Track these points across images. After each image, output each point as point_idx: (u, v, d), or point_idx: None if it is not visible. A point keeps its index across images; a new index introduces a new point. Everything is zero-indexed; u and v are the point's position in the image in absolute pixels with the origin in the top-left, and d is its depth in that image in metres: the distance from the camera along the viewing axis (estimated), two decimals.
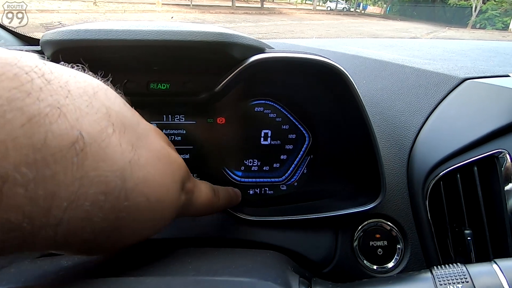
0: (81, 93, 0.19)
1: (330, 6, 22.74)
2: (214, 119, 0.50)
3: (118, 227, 0.21)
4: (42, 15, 7.21)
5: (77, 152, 0.17)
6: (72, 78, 0.19)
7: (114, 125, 0.20)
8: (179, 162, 0.28)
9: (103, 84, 0.22)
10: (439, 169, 0.46)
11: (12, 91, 0.15)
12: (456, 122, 0.48)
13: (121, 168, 0.20)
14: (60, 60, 0.37)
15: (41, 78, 0.17)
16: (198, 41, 0.36)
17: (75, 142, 0.17)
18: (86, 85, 0.20)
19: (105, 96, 0.21)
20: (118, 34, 0.34)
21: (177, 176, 0.26)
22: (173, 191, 0.25)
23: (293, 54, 0.39)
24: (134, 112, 0.24)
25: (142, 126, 0.24)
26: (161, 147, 0.25)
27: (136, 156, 0.21)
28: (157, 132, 0.27)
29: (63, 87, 0.18)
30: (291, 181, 0.54)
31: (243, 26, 9.08)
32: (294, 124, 0.53)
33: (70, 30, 0.34)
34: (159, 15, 10.40)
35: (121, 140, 0.20)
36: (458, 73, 0.53)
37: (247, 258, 0.30)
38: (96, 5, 10.07)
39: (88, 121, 0.18)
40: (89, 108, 0.19)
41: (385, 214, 0.47)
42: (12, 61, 0.16)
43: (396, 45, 0.85)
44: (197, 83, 0.44)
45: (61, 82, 0.18)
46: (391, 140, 0.50)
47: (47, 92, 0.17)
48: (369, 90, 0.56)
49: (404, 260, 0.46)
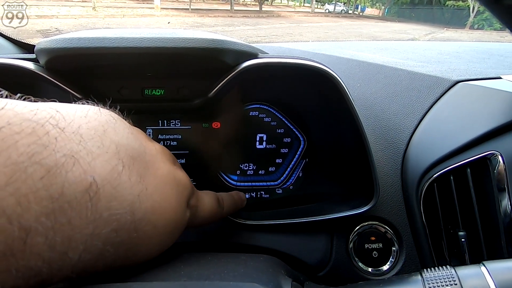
0: (92, 134, 0.20)
1: (328, 8, 22.84)
2: (210, 124, 0.51)
3: (129, 255, 0.22)
4: (41, 20, 7.24)
5: (91, 196, 0.18)
6: (83, 120, 0.20)
7: (124, 161, 0.21)
8: (184, 181, 0.28)
9: (112, 118, 0.23)
10: (433, 171, 0.46)
11: (31, 146, 0.16)
12: (449, 125, 0.48)
13: (130, 203, 0.20)
14: (55, 67, 0.37)
15: (56, 128, 0.18)
16: (191, 48, 0.36)
17: (88, 188, 0.18)
18: (96, 124, 0.21)
19: (113, 132, 0.22)
20: (111, 42, 0.34)
21: (183, 196, 0.27)
22: (179, 212, 0.26)
23: (285, 60, 0.39)
24: (141, 139, 0.25)
25: (148, 153, 0.25)
26: (167, 171, 0.26)
27: (144, 187, 0.22)
28: (163, 153, 0.28)
29: (76, 133, 0.19)
30: (286, 184, 0.55)
31: (242, 29, 9.11)
32: (289, 128, 0.53)
33: (64, 38, 0.34)
34: (158, 19, 10.43)
35: (130, 174, 0.21)
36: (450, 75, 0.53)
37: (239, 263, 0.30)
38: (95, 10, 10.10)
39: (100, 162, 0.19)
40: (100, 149, 0.19)
41: (379, 217, 0.47)
42: (29, 116, 0.17)
43: (391, 48, 0.86)
44: (191, 88, 0.44)
45: (74, 127, 0.19)
46: (385, 142, 0.51)
47: (61, 142, 0.17)
48: (363, 93, 0.56)
49: (399, 262, 0.46)
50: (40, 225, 0.16)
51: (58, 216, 0.16)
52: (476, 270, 0.24)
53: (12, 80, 0.39)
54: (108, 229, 0.19)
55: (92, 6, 10.26)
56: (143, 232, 0.22)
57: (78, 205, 0.17)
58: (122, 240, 0.20)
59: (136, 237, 0.21)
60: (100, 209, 0.18)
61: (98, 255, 0.19)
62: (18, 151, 0.15)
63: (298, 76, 0.46)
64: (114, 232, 0.19)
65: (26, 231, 0.15)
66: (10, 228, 0.15)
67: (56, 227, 0.16)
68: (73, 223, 0.17)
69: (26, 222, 0.15)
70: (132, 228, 0.21)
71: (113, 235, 0.19)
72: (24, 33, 0.79)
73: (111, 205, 0.19)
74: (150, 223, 0.22)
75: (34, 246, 0.16)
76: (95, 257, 0.19)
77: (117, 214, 0.19)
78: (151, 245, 0.23)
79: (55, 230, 0.16)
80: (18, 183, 0.15)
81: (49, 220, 0.16)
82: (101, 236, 0.19)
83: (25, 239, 0.15)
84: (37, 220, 0.16)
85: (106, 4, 12.54)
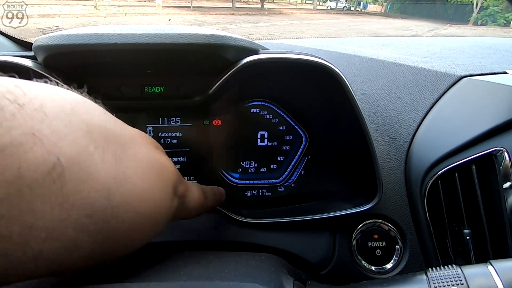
0: (58, 112, 0.18)
1: (330, 5, 22.71)
2: (210, 121, 0.50)
3: (109, 246, 0.20)
4: (43, 19, 7.25)
5: (54, 178, 0.16)
6: (47, 97, 0.18)
7: (96, 141, 0.19)
8: (169, 167, 0.26)
9: (81, 97, 0.21)
10: (437, 168, 0.45)
11: None
12: (453, 121, 0.47)
13: (105, 186, 0.19)
14: (53, 64, 0.37)
15: (14, 103, 0.16)
16: (191, 44, 0.36)
17: (52, 170, 0.16)
18: (63, 102, 0.19)
19: (84, 110, 0.20)
20: (110, 38, 0.34)
21: (168, 182, 0.25)
22: (165, 199, 0.25)
23: (286, 55, 0.39)
24: (117, 120, 0.23)
25: (126, 134, 0.23)
26: (148, 155, 0.24)
27: (121, 169, 0.20)
28: (143, 137, 0.26)
29: (38, 110, 0.17)
30: (288, 182, 0.54)
31: (244, 27, 9.09)
32: (291, 125, 0.53)
33: (62, 35, 0.34)
34: (159, 17, 10.42)
35: (104, 156, 0.19)
36: (455, 70, 0.52)
37: (241, 262, 0.29)
38: (97, 9, 10.11)
39: (68, 142, 0.17)
40: (67, 128, 0.18)
41: (383, 214, 0.47)
42: None
43: (394, 44, 0.85)
44: (191, 85, 0.44)
45: (36, 104, 0.17)
46: (389, 139, 0.50)
47: (20, 119, 0.16)
48: (366, 90, 0.56)
49: (403, 260, 0.46)
50: None
51: (15, 202, 0.15)
52: (483, 269, 0.24)
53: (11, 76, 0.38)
54: (78, 214, 0.17)
55: (94, 4, 10.26)
56: (124, 219, 0.20)
57: (40, 189, 0.16)
58: (99, 228, 0.18)
59: (116, 225, 0.19)
60: (67, 192, 0.17)
61: (70, 244, 0.17)
62: None
63: (300, 72, 0.45)
64: (87, 217, 0.18)
65: None
66: None
67: (12, 214, 0.15)
68: (34, 209, 0.15)
69: None
70: (109, 214, 0.19)
71: (86, 222, 0.18)
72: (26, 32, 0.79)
73: (80, 187, 0.17)
74: (132, 210, 0.20)
75: None
76: (66, 246, 0.17)
77: (88, 198, 0.18)
78: (134, 234, 0.22)
79: (11, 218, 0.15)
80: None
81: (4, 205, 0.15)
82: (70, 222, 0.17)
83: None
84: None
85: (108, 2, 12.54)
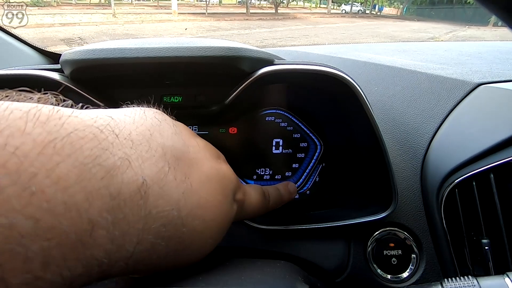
0: (141, 139, 0.22)
1: (345, 9, 22.59)
2: (226, 129, 0.51)
3: (181, 249, 0.23)
4: (64, 28, 7.50)
5: (142, 195, 0.20)
6: (132, 126, 0.22)
7: (170, 162, 0.23)
8: (229, 175, 0.29)
9: (157, 120, 0.25)
10: (454, 177, 0.45)
11: (93, 150, 0.18)
12: (470, 128, 0.47)
13: (176, 201, 0.22)
14: (78, 77, 0.39)
15: (112, 134, 0.20)
16: (208, 57, 0.37)
17: (140, 187, 0.20)
18: (143, 129, 0.23)
19: (159, 135, 0.24)
20: (131, 52, 0.36)
21: (228, 190, 0.28)
22: (226, 205, 0.27)
23: (301, 66, 0.39)
24: (184, 138, 0.27)
25: (192, 151, 0.26)
26: (210, 167, 0.27)
27: (188, 184, 0.24)
28: (207, 149, 0.29)
29: (128, 138, 0.21)
30: (303, 189, 0.54)
31: (258, 32, 9.14)
32: (306, 132, 0.53)
33: (87, 50, 0.36)
34: (175, 24, 10.61)
35: (175, 174, 0.23)
36: (472, 78, 0.52)
37: (256, 269, 0.30)
38: (115, 17, 10.39)
39: (149, 165, 0.21)
40: (148, 153, 0.21)
41: (399, 223, 0.47)
42: (90, 122, 0.19)
43: (409, 50, 0.84)
44: (208, 95, 0.45)
45: (125, 133, 0.21)
46: (404, 147, 0.50)
47: (117, 146, 0.19)
48: (381, 97, 0.56)
49: (419, 270, 0.45)
50: (102, 219, 0.18)
51: (117, 212, 0.18)
52: (500, 281, 0.24)
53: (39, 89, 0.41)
54: (157, 224, 0.21)
55: (112, 13, 10.57)
56: (192, 226, 0.23)
57: (132, 203, 0.19)
58: (172, 234, 0.22)
59: (186, 231, 0.23)
60: (149, 206, 0.20)
61: (150, 247, 0.21)
62: (83, 154, 0.17)
63: (314, 82, 0.46)
64: (163, 227, 0.21)
65: (92, 223, 0.17)
66: (80, 221, 0.17)
67: (115, 222, 0.18)
68: (128, 218, 0.19)
69: (92, 216, 0.17)
70: (180, 223, 0.22)
71: (162, 230, 0.21)
72: (48, 41, 0.83)
73: (158, 203, 0.21)
74: (198, 218, 0.24)
75: (97, 238, 0.17)
76: (148, 249, 0.21)
77: (164, 211, 0.21)
78: (203, 238, 0.25)
79: (114, 224, 0.18)
80: (85, 182, 0.17)
81: (110, 215, 0.18)
82: (151, 230, 0.20)
83: (91, 231, 0.17)
84: (100, 214, 0.17)
85: (126, 11, 12.86)
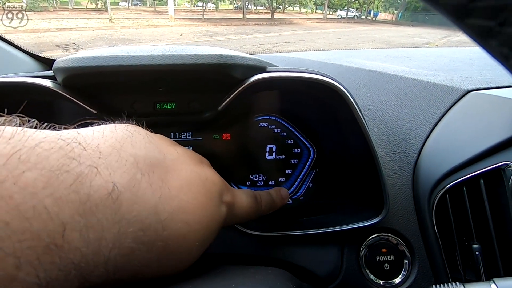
0: (110, 151, 0.23)
1: (340, 14, 22.78)
2: (220, 136, 0.52)
3: (166, 255, 0.24)
4: (60, 33, 7.49)
5: (114, 200, 0.21)
6: (101, 139, 0.23)
7: (142, 169, 0.23)
8: (212, 177, 0.30)
9: (129, 132, 0.26)
10: (445, 182, 0.45)
11: (60, 160, 0.19)
12: (461, 135, 0.47)
13: (153, 206, 0.23)
14: (71, 84, 0.39)
15: (79, 146, 0.21)
16: (200, 64, 0.37)
17: (111, 192, 0.20)
18: (113, 141, 0.24)
19: (130, 145, 0.24)
20: (124, 60, 0.36)
21: (213, 192, 0.29)
22: (212, 208, 0.28)
23: (293, 74, 0.40)
24: (160, 147, 0.27)
25: (169, 158, 0.27)
26: (190, 172, 0.28)
27: (166, 189, 0.24)
28: (187, 155, 0.30)
29: (96, 150, 0.22)
30: (297, 195, 0.55)
31: (255, 37, 9.18)
32: (299, 138, 0.54)
33: (80, 57, 0.36)
34: (172, 29, 10.63)
35: (150, 180, 0.23)
36: (462, 84, 0.53)
37: (248, 276, 0.30)
38: (112, 22, 10.41)
39: (119, 173, 0.22)
40: (118, 163, 0.22)
41: (391, 228, 0.47)
42: (57, 136, 0.21)
43: (401, 56, 0.85)
44: (201, 102, 0.45)
45: (93, 146, 0.22)
46: (396, 153, 0.50)
47: (84, 157, 0.21)
48: (373, 103, 0.56)
49: (411, 275, 0.46)
50: (75, 222, 0.18)
51: (89, 216, 0.19)
52: (486, 287, 0.24)
53: (33, 96, 0.41)
54: (134, 229, 0.21)
55: (108, 18, 10.59)
56: (175, 230, 0.24)
57: (104, 208, 0.20)
58: (152, 239, 0.22)
59: (168, 235, 0.23)
60: (123, 211, 0.21)
61: (130, 252, 0.21)
62: (50, 163, 0.19)
63: (306, 89, 0.46)
64: (141, 231, 0.22)
65: (63, 225, 0.18)
66: (51, 222, 0.18)
67: (88, 225, 0.19)
68: (102, 223, 0.20)
69: (63, 218, 0.18)
70: (160, 227, 0.23)
71: (140, 234, 0.22)
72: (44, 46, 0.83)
73: (133, 208, 0.21)
74: (181, 221, 0.24)
75: (71, 241, 0.18)
76: (128, 254, 0.21)
77: (140, 216, 0.22)
78: (189, 242, 0.25)
79: (88, 228, 0.19)
80: (53, 187, 0.18)
81: (82, 219, 0.19)
82: (128, 235, 0.21)
83: (63, 232, 0.18)
84: (71, 217, 0.18)
85: (122, 16, 12.89)
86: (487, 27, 0.11)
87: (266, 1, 19.20)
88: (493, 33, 0.11)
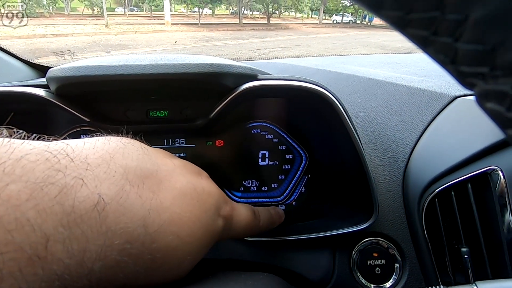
0: (100, 162, 0.23)
1: (336, 19, 22.98)
2: (213, 142, 0.52)
3: (154, 268, 0.23)
4: (56, 39, 7.49)
5: (99, 212, 0.20)
6: (91, 150, 0.23)
7: (132, 181, 0.23)
8: (209, 190, 0.29)
9: (122, 144, 0.25)
10: (434, 186, 0.46)
11: (45, 172, 0.19)
12: (449, 140, 0.48)
13: (141, 218, 0.22)
14: (64, 93, 0.40)
15: (66, 158, 0.21)
16: (191, 73, 0.38)
17: (96, 204, 0.20)
18: (103, 153, 0.24)
19: (121, 156, 0.24)
20: (116, 69, 0.36)
21: (208, 204, 0.28)
22: (206, 220, 0.27)
23: (283, 82, 0.41)
24: (155, 159, 0.27)
25: (164, 169, 0.27)
26: (186, 183, 0.27)
27: (157, 201, 0.24)
28: (183, 166, 0.29)
29: (83, 161, 0.22)
30: (289, 200, 0.55)
31: (251, 42, 9.23)
32: (291, 144, 0.54)
33: (72, 67, 0.37)
34: (168, 34, 10.66)
35: (140, 192, 0.23)
36: (450, 90, 0.54)
37: (239, 282, 0.31)
38: (108, 28, 10.42)
39: (107, 185, 0.22)
40: (106, 174, 0.22)
41: (381, 233, 0.48)
42: (44, 148, 0.21)
43: (393, 62, 0.86)
44: (193, 110, 0.46)
45: (81, 157, 0.22)
46: (386, 158, 0.51)
47: (71, 168, 0.21)
48: (364, 109, 0.57)
49: (402, 279, 0.46)
50: (58, 233, 0.18)
51: (73, 227, 0.19)
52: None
53: (26, 105, 0.41)
54: (120, 241, 0.21)
55: (105, 23, 10.59)
56: (165, 243, 0.23)
57: (89, 220, 0.20)
58: (139, 252, 0.22)
59: (157, 248, 0.23)
60: (110, 223, 0.21)
61: (115, 265, 0.21)
62: (35, 175, 0.19)
63: (297, 96, 0.47)
64: (127, 243, 0.21)
65: (46, 237, 0.18)
66: (34, 234, 0.18)
67: (71, 237, 0.19)
68: (87, 234, 0.20)
69: (46, 230, 0.18)
70: (148, 240, 0.22)
71: (127, 246, 0.21)
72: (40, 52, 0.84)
73: (120, 219, 0.21)
74: (172, 234, 0.24)
75: (55, 252, 0.18)
76: (113, 266, 0.21)
77: (127, 228, 0.21)
78: (180, 255, 0.25)
79: (71, 239, 0.19)
80: (37, 199, 0.18)
81: (66, 230, 0.19)
82: (114, 247, 0.21)
83: (46, 244, 0.18)
84: (55, 229, 0.18)
85: (119, 21, 12.90)
86: (424, 36, 0.12)
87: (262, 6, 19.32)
88: (429, 41, 0.12)
